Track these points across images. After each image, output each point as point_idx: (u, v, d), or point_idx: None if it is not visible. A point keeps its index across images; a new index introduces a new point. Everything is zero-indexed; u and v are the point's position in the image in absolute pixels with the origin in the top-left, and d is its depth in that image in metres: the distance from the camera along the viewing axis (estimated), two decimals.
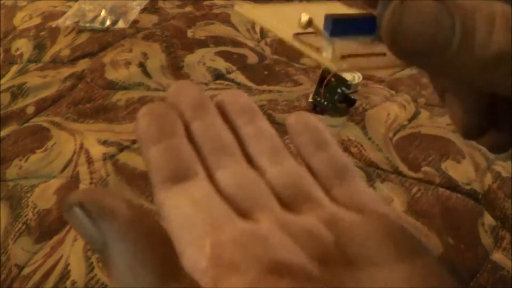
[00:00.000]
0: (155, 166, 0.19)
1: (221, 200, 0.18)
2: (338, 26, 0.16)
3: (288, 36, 0.17)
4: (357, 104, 0.45)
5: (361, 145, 0.41)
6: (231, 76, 0.52)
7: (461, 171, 0.39)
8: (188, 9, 0.67)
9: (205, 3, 0.68)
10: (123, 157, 0.41)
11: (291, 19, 0.18)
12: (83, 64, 0.55)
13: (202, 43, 0.58)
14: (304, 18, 0.16)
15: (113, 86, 0.51)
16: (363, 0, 0.18)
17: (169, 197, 0.18)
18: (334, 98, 0.45)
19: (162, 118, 0.21)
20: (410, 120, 0.44)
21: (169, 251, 0.14)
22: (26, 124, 0.46)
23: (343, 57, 0.15)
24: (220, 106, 0.23)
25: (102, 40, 0.59)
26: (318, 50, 0.16)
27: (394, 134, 0.43)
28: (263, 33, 0.61)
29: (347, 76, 0.47)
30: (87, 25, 0.62)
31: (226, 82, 0.51)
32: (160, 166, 0.19)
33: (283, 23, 0.18)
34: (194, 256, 0.16)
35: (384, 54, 0.16)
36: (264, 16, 0.19)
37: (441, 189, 0.37)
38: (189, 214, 0.18)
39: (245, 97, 0.24)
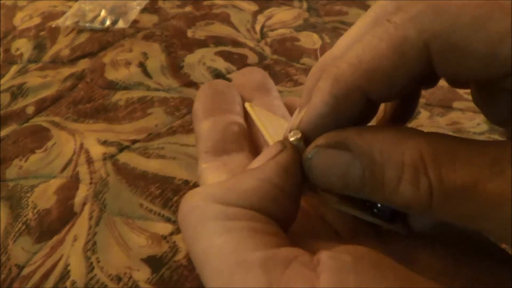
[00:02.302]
0: (202, 137, 0.19)
1: None
2: None
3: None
4: None
5: None
6: (231, 76, 0.52)
7: None
8: (188, 9, 0.67)
9: (205, 3, 0.68)
10: (123, 157, 0.41)
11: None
12: (83, 64, 0.55)
13: (202, 43, 0.58)
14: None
15: (113, 86, 0.51)
16: None
17: (209, 167, 0.19)
18: None
19: (220, 94, 0.21)
20: (410, 120, 0.44)
21: None
22: (26, 124, 0.46)
23: None
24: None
25: (102, 40, 0.59)
26: None
27: None
28: (263, 33, 0.61)
29: None
30: (87, 25, 0.62)
31: None
32: (206, 138, 0.19)
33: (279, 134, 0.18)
34: None
35: None
36: (266, 122, 0.19)
37: None
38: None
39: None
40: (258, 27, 0.62)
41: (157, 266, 0.32)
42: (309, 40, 0.59)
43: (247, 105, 0.20)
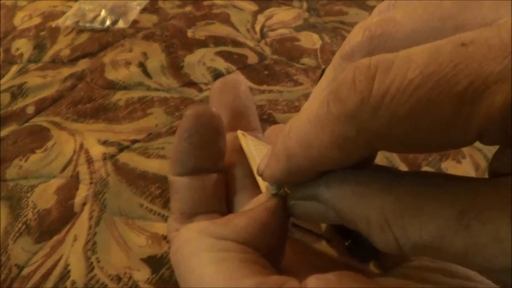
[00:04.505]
0: (181, 197, 0.18)
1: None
2: None
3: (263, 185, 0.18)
4: None
5: None
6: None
7: (461, 171, 0.39)
8: (188, 9, 0.67)
9: (205, 3, 0.68)
10: (123, 157, 0.41)
11: None
12: (83, 64, 0.55)
13: (202, 43, 0.58)
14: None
15: (113, 86, 0.51)
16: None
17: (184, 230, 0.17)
18: None
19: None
20: None
21: None
22: (26, 124, 0.46)
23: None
24: None
25: (102, 40, 0.59)
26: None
27: None
28: (263, 33, 0.61)
29: None
30: (87, 25, 0.62)
31: None
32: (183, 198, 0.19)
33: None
34: None
35: None
36: (255, 154, 0.20)
37: None
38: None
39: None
40: (258, 27, 0.62)
41: (157, 266, 0.32)
42: (309, 40, 0.59)
43: (239, 133, 0.21)
